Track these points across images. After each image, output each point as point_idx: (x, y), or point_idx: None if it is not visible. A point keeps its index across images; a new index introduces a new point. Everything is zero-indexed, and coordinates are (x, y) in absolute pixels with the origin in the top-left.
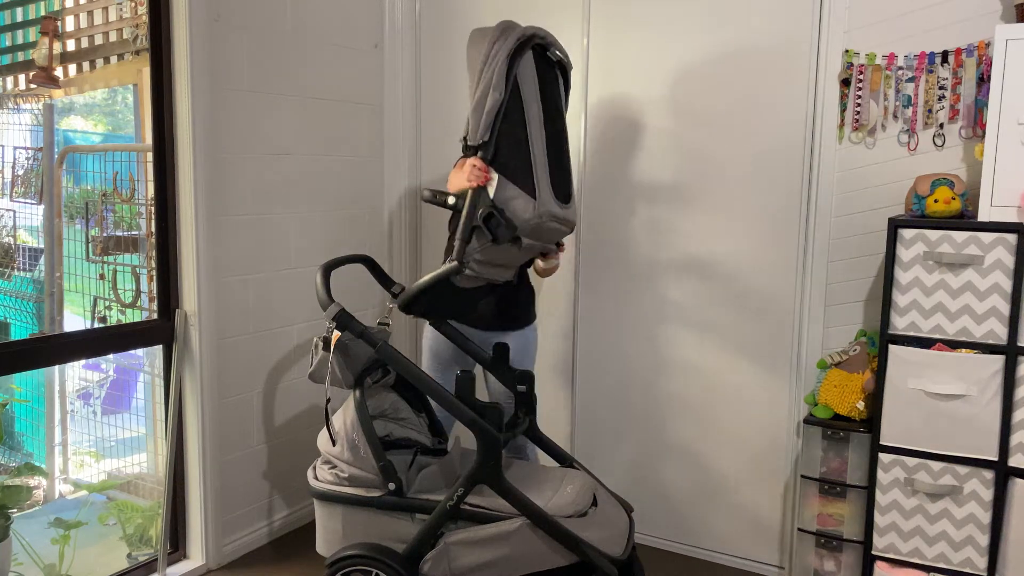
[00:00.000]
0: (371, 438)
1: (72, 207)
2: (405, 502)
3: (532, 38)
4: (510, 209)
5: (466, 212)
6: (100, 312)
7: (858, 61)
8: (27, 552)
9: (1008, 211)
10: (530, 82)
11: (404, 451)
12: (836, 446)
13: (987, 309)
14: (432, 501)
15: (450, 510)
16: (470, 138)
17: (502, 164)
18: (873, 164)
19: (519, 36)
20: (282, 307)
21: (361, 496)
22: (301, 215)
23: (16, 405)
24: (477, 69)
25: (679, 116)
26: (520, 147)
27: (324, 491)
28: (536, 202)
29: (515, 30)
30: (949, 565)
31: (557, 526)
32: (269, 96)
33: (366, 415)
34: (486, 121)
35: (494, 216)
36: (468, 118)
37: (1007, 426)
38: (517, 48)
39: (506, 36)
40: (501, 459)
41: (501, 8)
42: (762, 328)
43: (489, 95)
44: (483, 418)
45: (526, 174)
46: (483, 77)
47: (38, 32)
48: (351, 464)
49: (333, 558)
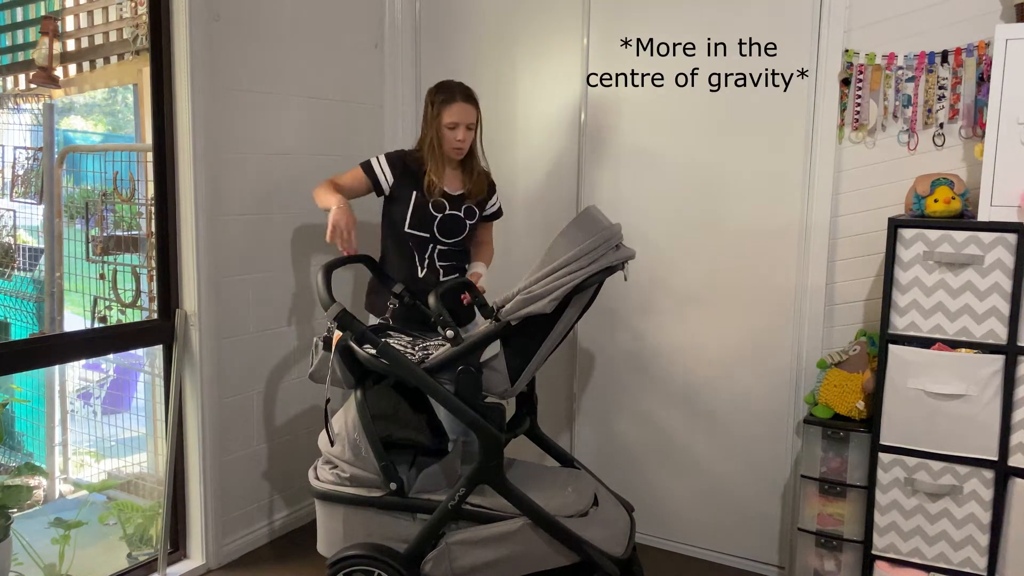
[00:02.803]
0: (372, 438)
1: (72, 207)
2: (406, 502)
3: (609, 270)
4: (487, 378)
5: (466, 347)
6: (100, 312)
7: (858, 61)
8: (27, 552)
9: (1008, 211)
10: (574, 311)
11: (404, 451)
12: (836, 446)
13: (987, 309)
14: (433, 501)
15: (451, 510)
16: (505, 310)
17: (510, 344)
18: (873, 164)
19: (606, 266)
20: (282, 307)
21: (362, 496)
22: (301, 215)
23: (16, 405)
24: (560, 254)
25: (678, 117)
26: (529, 344)
27: (325, 491)
28: (510, 388)
29: (611, 255)
30: (949, 565)
31: (558, 526)
32: (269, 96)
33: (367, 415)
34: (520, 314)
35: (470, 373)
36: (517, 292)
37: (1007, 426)
38: (594, 276)
39: (595, 259)
40: (503, 459)
41: (501, 8)
42: (762, 328)
43: (540, 303)
44: (485, 418)
45: (519, 365)
46: (558, 271)
47: (38, 32)
48: (352, 464)
49: (334, 558)
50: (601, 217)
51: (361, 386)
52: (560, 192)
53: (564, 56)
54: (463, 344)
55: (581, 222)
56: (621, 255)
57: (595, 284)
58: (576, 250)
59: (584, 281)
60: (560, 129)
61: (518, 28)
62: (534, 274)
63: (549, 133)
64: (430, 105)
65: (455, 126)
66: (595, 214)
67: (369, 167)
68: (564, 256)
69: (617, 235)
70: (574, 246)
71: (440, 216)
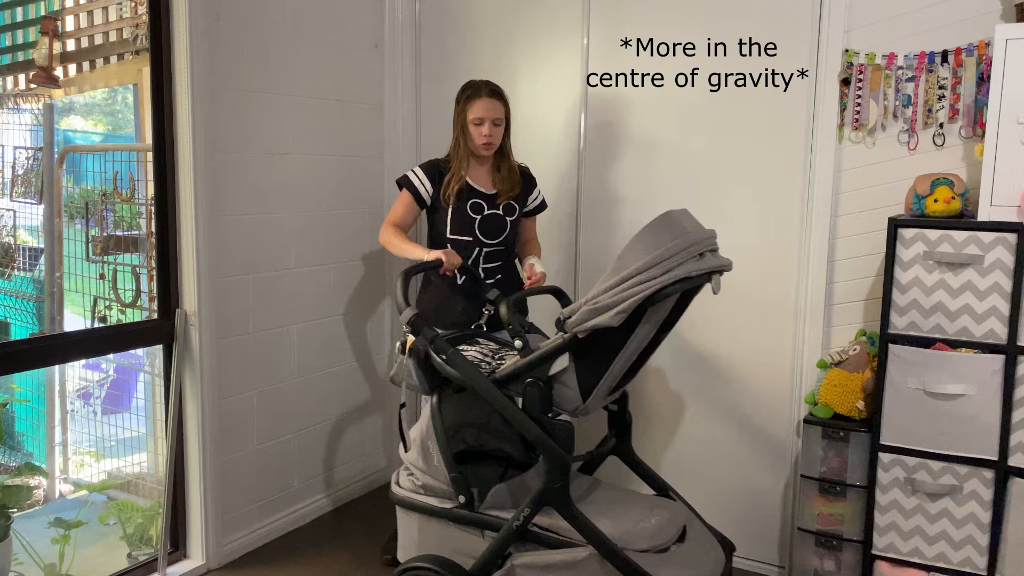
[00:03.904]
0: (443, 447)
1: (72, 207)
2: (474, 517)
3: (687, 282)
4: (558, 393)
5: (533, 359)
6: (100, 312)
7: (858, 61)
8: (27, 552)
9: (1008, 211)
10: (649, 326)
11: (496, 463)
12: (836, 446)
13: (987, 309)
14: (501, 519)
15: (516, 530)
16: (570, 322)
17: (581, 358)
18: (873, 164)
19: (683, 276)
20: (282, 307)
21: (433, 506)
22: (301, 215)
23: (16, 405)
24: (630, 262)
25: (678, 117)
26: (602, 359)
27: (401, 498)
28: (582, 405)
29: (691, 264)
30: (949, 564)
31: (625, 560)
32: (269, 96)
33: (440, 423)
34: (586, 327)
35: (538, 386)
36: (582, 304)
37: (1007, 426)
38: (669, 287)
39: (670, 268)
40: (568, 481)
41: (501, 8)
42: (762, 328)
43: (606, 315)
44: (551, 436)
45: (591, 382)
46: (627, 280)
47: (38, 32)
48: (425, 472)
49: (401, 568)
50: (684, 220)
51: (438, 392)
52: (560, 192)
53: (564, 56)
54: (530, 356)
55: (656, 226)
56: (704, 265)
57: (671, 297)
58: (648, 258)
59: (657, 293)
60: (560, 129)
61: (518, 28)
62: (603, 283)
63: (549, 133)
64: (457, 102)
65: (481, 121)
66: (676, 217)
67: (408, 182)
68: (634, 264)
69: (700, 242)
70: (645, 253)
71: (479, 217)
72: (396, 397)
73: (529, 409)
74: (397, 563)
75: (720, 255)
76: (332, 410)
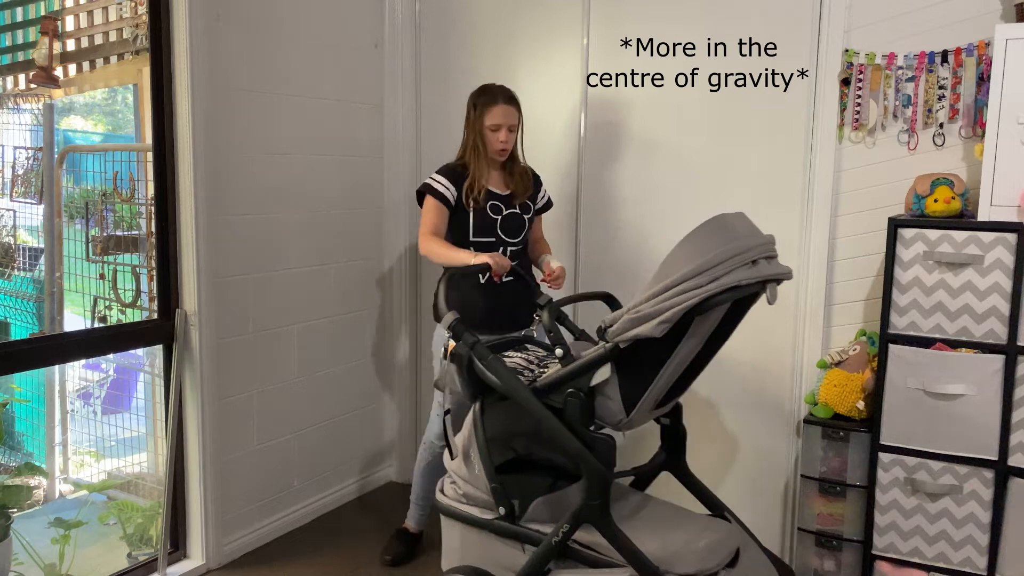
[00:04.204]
0: (484, 457)
1: (72, 207)
2: (514, 530)
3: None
4: (600, 405)
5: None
6: (100, 312)
7: (858, 61)
8: (27, 552)
9: (1008, 211)
10: (700, 335)
11: (545, 473)
12: (836, 446)
13: (987, 309)
14: (542, 533)
15: (555, 547)
16: (611, 331)
17: (623, 369)
18: (873, 164)
19: (732, 285)
20: (282, 307)
21: (474, 516)
22: (301, 215)
23: (16, 405)
24: (675, 269)
25: (678, 117)
26: (646, 372)
27: (444, 506)
28: (625, 419)
29: (742, 272)
30: (949, 564)
31: None
32: (269, 96)
33: (481, 431)
34: (627, 337)
35: (578, 398)
36: (624, 314)
37: (1007, 426)
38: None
39: (718, 276)
40: (608, 498)
41: (501, 8)
42: (762, 327)
43: (647, 325)
44: (591, 450)
45: (635, 395)
46: (671, 288)
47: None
48: (467, 481)
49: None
50: (736, 224)
51: (480, 400)
52: (560, 192)
53: (564, 56)
54: (571, 365)
55: (704, 230)
56: (757, 273)
57: (720, 307)
58: (694, 265)
59: (703, 302)
60: (560, 129)
61: (518, 28)
62: (646, 290)
63: (549, 133)
64: (472, 108)
65: (498, 128)
66: (727, 221)
67: (433, 190)
68: (679, 271)
69: (753, 248)
70: (691, 260)
71: (499, 218)
72: (396, 397)
73: (569, 421)
74: (397, 563)
75: (778, 263)
76: (332, 410)
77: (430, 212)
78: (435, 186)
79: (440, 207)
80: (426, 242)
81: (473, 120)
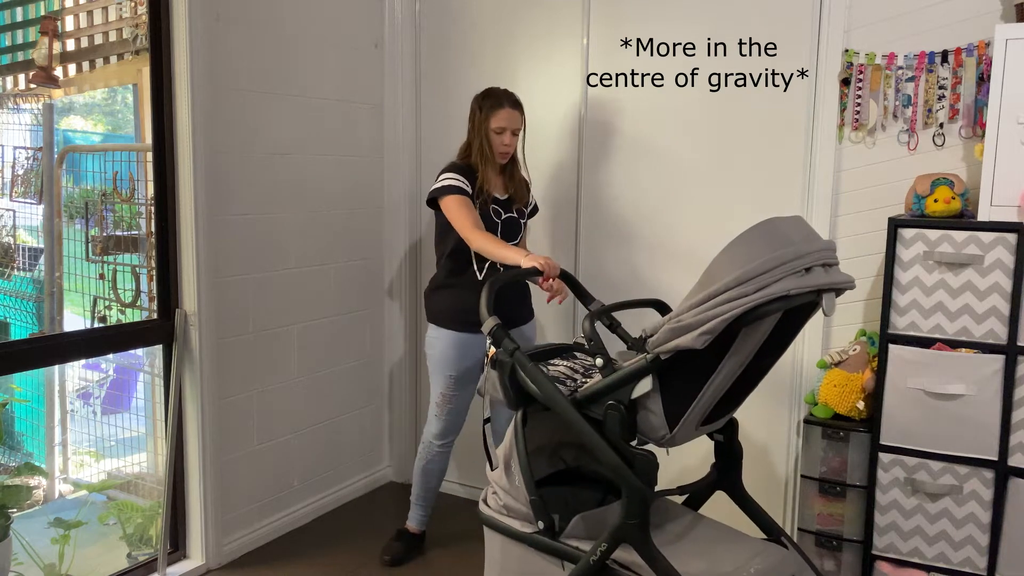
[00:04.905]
0: (524, 468)
1: (72, 207)
2: (553, 545)
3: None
4: (642, 419)
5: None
6: (100, 312)
7: (858, 61)
8: (27, 552)
9: (1008, 211)
10: (748, 348)
11: (594, 487)
12: (836, 446)
13: (987, 309)
14: (580, 551)
15: (593, 566)
16: (651, 341)
17: (666, 382)
18: (873, 164)
19: (781, 294)
20: (282, 307)
21: (513, 529)
22: (301, 215)
23: (16, 405)
24: (719, 277)
25: (678, 117)
26: (690, 385)
27: (486, 517)
28: (669, 435)
29: (791, 280)
30: (949, 564)
31: None
32: (269, 96)
33: (522, 441)
34: (667, 348)
35: (618, 410)
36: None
37: (1007, 426)
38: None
39: (766, 284)
40: (648, 518)
41: (501, 8)
42: None
43: (688, 336)
44: (630, 466)
45: (679, 407)
46: (715, 297)
47: (38, 32)
48: (507, 493)
49: None
50: (789, 229)
51: (523, 409)
52: (560, 192)
53: (564, 56)
54: (610, 376)
55: (752, 235)
56: (809, 282)
57: (768, 318)
58: (739, 272)
59: (749, 313)
60: (560, 129)
61: (518, 28)
62: (688, 299)
63: (549, 133)
64: (478, 110)
65: (502, 131)
66: (777, 225)
67: (455, 188)
68: (723, 279)
69: (806, 255)
70: (737, 267)
71: (501, 221)
72: (395, 397)
73: (608, 434)
74: (397, 563)
75: (838, 271)
76: (332, 410)
77: (462, 208)
78: (456, 183)
79: (468, 201)
80: (476, 237)
81: (479, 123)
